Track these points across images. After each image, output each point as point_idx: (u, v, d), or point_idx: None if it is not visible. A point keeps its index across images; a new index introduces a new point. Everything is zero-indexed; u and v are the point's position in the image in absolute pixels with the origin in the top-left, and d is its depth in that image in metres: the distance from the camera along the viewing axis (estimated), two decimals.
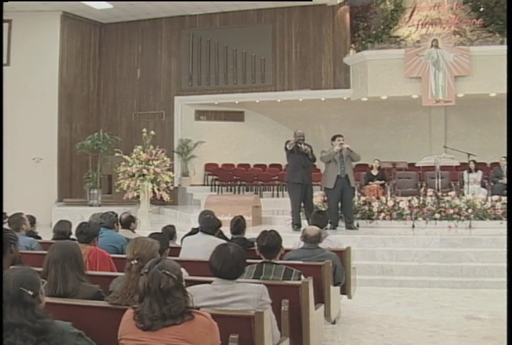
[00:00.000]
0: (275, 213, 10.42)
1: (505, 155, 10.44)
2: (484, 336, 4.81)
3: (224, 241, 4.13)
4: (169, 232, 5.32)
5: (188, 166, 14.64)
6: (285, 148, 8.73)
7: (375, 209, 9.10)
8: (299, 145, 8.60)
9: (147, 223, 10.59)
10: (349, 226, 8.65)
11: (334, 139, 8.87)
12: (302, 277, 3.85)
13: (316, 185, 9.61)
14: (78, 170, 14.08)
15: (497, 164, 12.01)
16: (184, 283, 2.56)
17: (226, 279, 3.04)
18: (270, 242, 3.91)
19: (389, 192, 9.99)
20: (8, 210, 6.25)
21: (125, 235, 5.37)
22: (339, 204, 8.86)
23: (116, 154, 12.61)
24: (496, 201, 9.01)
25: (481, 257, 7.31)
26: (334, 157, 8.69)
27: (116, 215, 5.55)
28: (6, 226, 5.50)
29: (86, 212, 9.08)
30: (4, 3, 8.54)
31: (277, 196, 13.25)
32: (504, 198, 8.97)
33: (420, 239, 7.87)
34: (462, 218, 8.83)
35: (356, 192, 9.50)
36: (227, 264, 3.02)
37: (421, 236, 8.02)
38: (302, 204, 8.82)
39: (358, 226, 8.77)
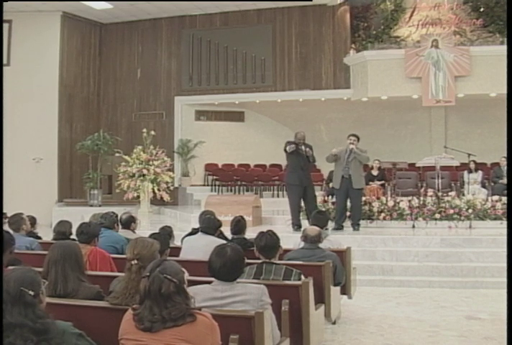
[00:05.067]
0: (275, 214, 10.41)
1: (505, 155, 10.44)
2: (484, 336, 4.81)
3: (224, 242, 4.14)
4: (167, 232, 5.31)
5: (188, 166, 14.64)
6: (285, 150, 8.66)
7: (375, 209, 9.10)
8: (299, 147, 8.52)
9: (148, 224, 10.60)
10: (353, 227, 8.63)
11: (348, 136, 8.75)
12: (302, 277, 3.85)
13: (317, 186, 9.59)
14: (78, 170, 14.09)
15: (498, 164, 12.01)
16: (186, 285, 2.56)
17: (224, 281, 3.04)
18: (269, 241, 3.91)
19: (389, 193, 9.99)
20: (9, 210, 6.24)
21: (125, 235, 5.37)
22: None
23: (117, 155, 12.63)
24: (496, 201, 9.02)
25: (481, 257, 7.31)
26: (337, 157, 8.61)
27: (117, 216, 5.55)
28: (6, 226, 5.50)
29: (86, 212, 9.08)
30: (4, 3, 8.53)
31: (278, 196, 13.24)
32: (504, 198, 8.97)
33: (420, 239, 7.87)
34: (462, 218, 8.84)
35: None
36: (225, 267, 3.01)
37: (421, 236, 8.02)
38: (302, 204, 8.79)
39: (359, 225, 8.73)
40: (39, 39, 13.74)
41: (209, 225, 5.20)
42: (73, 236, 4.81)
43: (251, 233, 5.41)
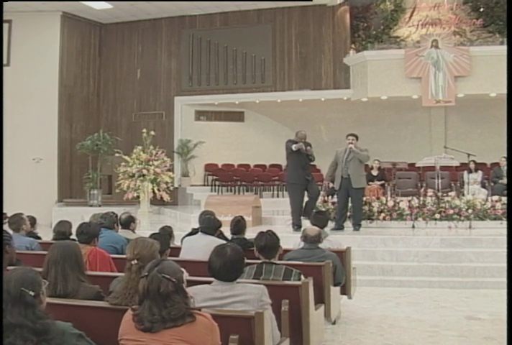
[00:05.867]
0: (275, 214, 10.41)
1: (505, 155, 10.44)
2: (484, 337, 4.81)
3: (224, 242, 4.13)
4: (167, 232, 5.31)
5: (188, 166, 14.65)
6: (290, 148, 8.52)
7: (375, 209, 9.09)
8: (302, 146, 8.52)
9: (147, 224, 10.60)
10: (354, 227, 8.61)
11: (347, 136, 8.72)
12: (302, 277, 3.85)
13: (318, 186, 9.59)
14: (78, 170, 14.09)
15: (498, 164, 12.01)
16: (185, 284, 2.56)
17: (224, 281, 3.04)
18: (269, 242, 3.91)
19: (389, 193, 9.98)
20: (9, 210, 6.25)
21: (125, 235, 5.36)
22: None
23: (116, 155, 12.63)
24: (496, 201, 9.01)
25: (481, 257, 7.30)
26: (338, 159, 8.62)
27: (116, 216, 5.55)
28: (6, 226, 5.50)
29: (86, 212, 9.09)
30: (4, 3, 8.53)
31: (277, 196, 13.24)
32: (504, 199, 8.97)
33: (420, 239, 7.86)
34: (462, 218, 8.83)
35: None
36: (225, 267, 3.01)
37: (421, 237, 8.02)
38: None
39: (360, 226, 8.69)
40: (39, 39, 13.74)
41: (209, 225, 5.20)
42: (73, 236, 4.80)
43: (251, 234, 5.42)
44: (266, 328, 2.77)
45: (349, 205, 8.76)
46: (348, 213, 8.80)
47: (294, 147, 8.47)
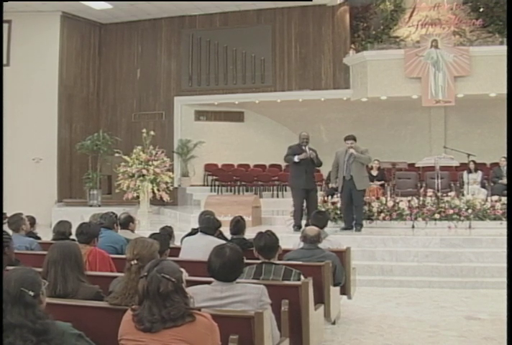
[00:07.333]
0: (274, 214, 10.42)
1: (505, 155, 10.44)
2: (484, 337, 4.81)
3: (224, 242, 4.13)
4: (167, 232, 5.31)
5: (188, 166, 14.65)
6: (292, 161, 8.54)
7: (374, 209, 9.09)
8: (303, 147, 8.52)
9: (147, 224, 10.59)
10: (355, 227, 8.56)
11: (345, 139, 8.69)
12: (302, 277, 3.85)
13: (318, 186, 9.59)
14: (77, 171, 14.09)
15: (497, 164, 12.00)
16: (184, 284, 2.56)
17: (224, 282, 3.04)
18: (268, 241, 3.91)
19: (389, 193, 9.97)
20: (8, 210, 6.25)
21: (124, 235, 5.36)
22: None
23: (116, 155, 12.63)
24: (496, 201, 9.01)
25: (481, 257, 7.31)
26: (339, 160, 8.63)
27: (116, 216, 5.54)
28: (5, 226, 5.50)
29: (86, 212, 9.08)
30: (4, 3, 8.53)
31: (277, 196, 13.24)
32: (504, 199, 8.96)
33: (420, 240, 7.86)
34: (462, 218, 8.83)
35: None
36: (224, 267, 3.01)
37: (421, 237, 8.01)
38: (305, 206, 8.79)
39: (361, 226, 8.67)
40: (39, 39, 13.74)
41: (209, 225, 5.20)
42: (73, 237, 4.80)
43: (250, 234, 5.41)
44: (266, 328, 2.77)
45: None
46: None
47: (297, 159, 8.48)
